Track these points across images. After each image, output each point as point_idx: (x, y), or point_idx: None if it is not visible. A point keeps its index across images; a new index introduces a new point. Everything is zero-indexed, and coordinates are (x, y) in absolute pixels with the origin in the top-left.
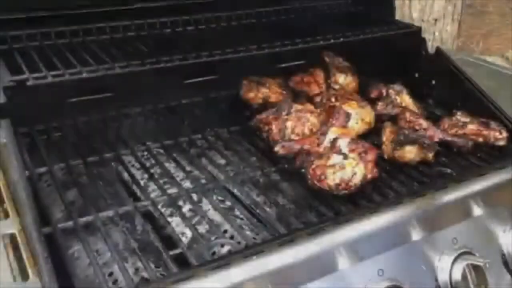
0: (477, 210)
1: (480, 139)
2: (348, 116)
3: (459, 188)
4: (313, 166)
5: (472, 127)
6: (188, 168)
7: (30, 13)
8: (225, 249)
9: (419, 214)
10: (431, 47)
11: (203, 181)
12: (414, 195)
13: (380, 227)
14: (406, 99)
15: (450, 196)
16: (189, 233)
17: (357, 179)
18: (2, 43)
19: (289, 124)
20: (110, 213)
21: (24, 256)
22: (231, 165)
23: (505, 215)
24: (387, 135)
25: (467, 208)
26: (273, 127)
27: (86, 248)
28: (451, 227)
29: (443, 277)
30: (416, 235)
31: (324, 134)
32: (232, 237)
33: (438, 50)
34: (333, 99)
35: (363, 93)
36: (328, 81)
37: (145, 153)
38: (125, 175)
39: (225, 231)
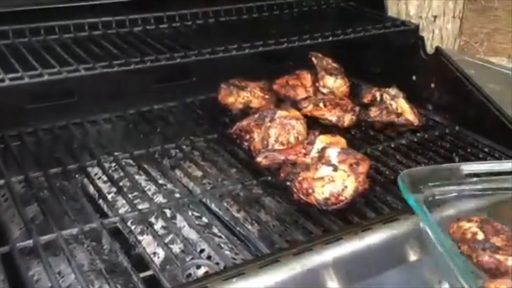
0: None
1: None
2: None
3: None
4: (299, 179)
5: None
6: (160, 181)
7: None
8: (202, 271)
9: (417, 232)
10: (430, 46)
11: (178, 195)
12: (412, 211)
13: (374, 246)
14: (402, 104)
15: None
16: (161, 253)
17: (348, 193)
18: None
19: (272, 132)
20: (74, 230)
21: None
22: (209, 178)
23: None
24: None
25: None
26: (255, 135)
27: (47, 269)
28: None
29: None
30: (413, 255)
31: (311, 143)
32: (209, 258)
33: (438, 50)
34: (321, 105)
35: (354, 98)
36: (316, 84)
37: (113, 164)
38: (91, 189)
39: (202, 251)
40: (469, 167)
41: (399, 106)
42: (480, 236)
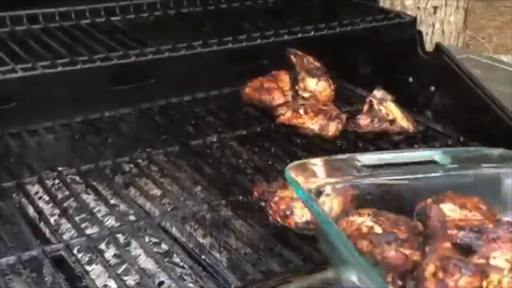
0: None
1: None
2: None
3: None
4: (276, 199)
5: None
6: (112, 201)
7: None
8: None
9: None
10: (429, 43)
11: (132, 218)
12: None
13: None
14: (392, 109)
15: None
16: (113, 285)
17: (333, 215)
18: None
19: None
20: (10, 259)
21: None
22: (169, 197)
23: None
24: None
25: None
26: None
27: None
28: None
29: None
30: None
31: None
32: None
33: (438, 47)
34: (301, 111)
35: (341, 103)
36: (295, 87)
37: (57, 181)
38: (31, 210)
39: (161, 283)
40: (364, 158)
41: (389, 111)
42: (378, 230)
